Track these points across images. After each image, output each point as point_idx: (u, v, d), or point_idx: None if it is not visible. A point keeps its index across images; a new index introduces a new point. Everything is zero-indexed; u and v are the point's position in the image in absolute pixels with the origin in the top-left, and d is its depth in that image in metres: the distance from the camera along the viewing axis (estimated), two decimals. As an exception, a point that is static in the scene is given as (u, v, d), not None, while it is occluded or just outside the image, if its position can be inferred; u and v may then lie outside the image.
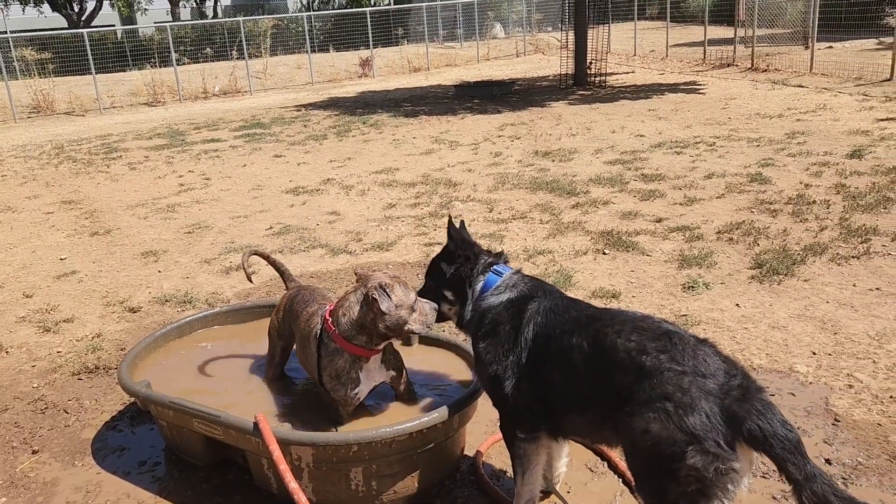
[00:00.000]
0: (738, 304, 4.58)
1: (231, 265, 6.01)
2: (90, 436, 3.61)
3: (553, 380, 2.41)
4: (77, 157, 11.96)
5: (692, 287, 4.86)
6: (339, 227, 6.93)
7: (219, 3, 47.43)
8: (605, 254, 5.64)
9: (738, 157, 8.44)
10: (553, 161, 9.06)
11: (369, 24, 24.74)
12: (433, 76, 22.50)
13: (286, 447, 2.70)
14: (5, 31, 27.06)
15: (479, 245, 2.84)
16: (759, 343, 4.07)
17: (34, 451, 3.52)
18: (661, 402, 2.05)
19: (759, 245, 5.54)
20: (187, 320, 3.92)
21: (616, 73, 18.38)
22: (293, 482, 2.57)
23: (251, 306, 4.11)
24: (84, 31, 22.38)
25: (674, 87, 15.14)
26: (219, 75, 21.99)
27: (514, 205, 7.20)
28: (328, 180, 8.93)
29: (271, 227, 7.06)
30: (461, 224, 2.87)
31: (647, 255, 5.54)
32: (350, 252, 6.18)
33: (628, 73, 18.79)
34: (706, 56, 19.12)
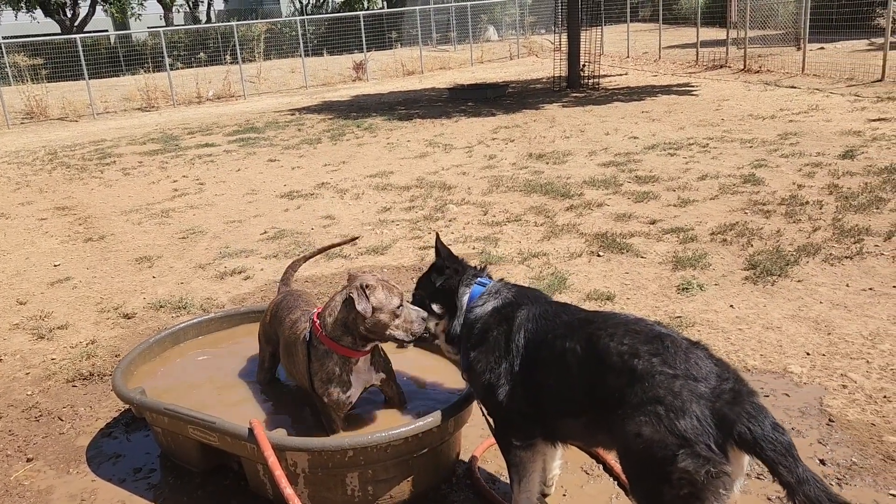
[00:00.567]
0: (732, 306, 4.59)
1: (225, 270, 6.01)
2: (85, 443, 3.59)
3: (547, 385, 2.40)
4: (71, 163, 11.93)
5: (686, 288, 4.88)
6: (333, 231, 6.93)
7: (212, 8, 47.42)
8: (599, 256, 5.65)
9: (731, 158, 8.48)
10: (547, 163, 9.08)
11: (363, 27, 24.77)
12: (427, 79, 22.53)
13: (281, 453, 2.69)
14: (-2, 37, 27.00)
15: (464, 260, 2.89)
16: (754, 344, 4.09)
17: (29, 459, 3.50)
18: (652, 405, 2.05)
19: (752, 246, 5.56)
20: (182, 326, 3.91)
21: (609, 76, 18.43)
22: (289, 488, 2.57)
23: (246, 311, 4.10)
24: (77, 36, 22.33)
25: (667, 89, 15.19)
26: (213, 80, 21.97)
27: (508, 207, 7.21)
28: (322, 184, 8.93)
29: (266, 232, 7.05)
30: (437, 237, 2.92)
31: (642, 257, 5.55)
32: (345, 256, 6.17)
33: (621, 75, 18.84)
34: (699, 58, 19.19)
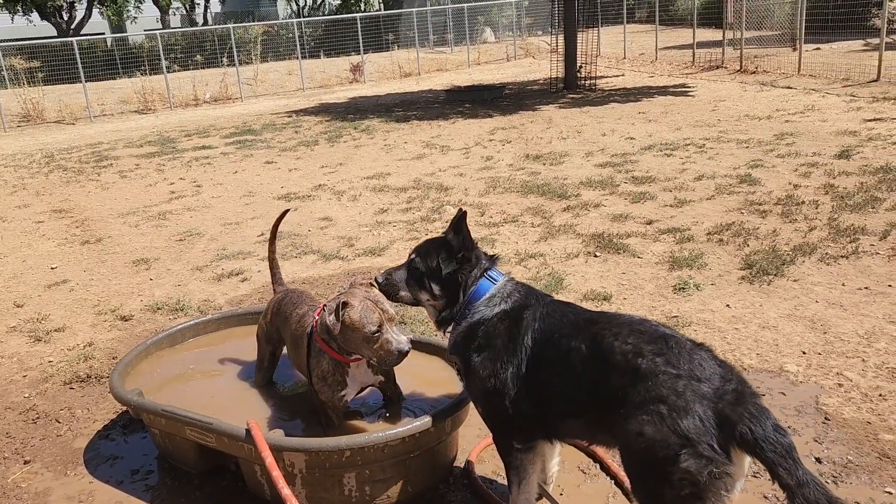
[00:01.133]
0: (728, 305, 4.60)
1: (223, 272, 6.01)
2: (82, 445, 3.60)
3: (551, 383, 2.40)
4: (67, 166, 11.92)
5: (683, 288, 4.89)
6: (330, 233, 6.93)
7: (209, 10, 47.39)
8: (596, 256, 5.66)
9: (727, 158, 8.50)
10: (544, 164, 9.09)
11: (360, 29, 24.79)
12: (424, 81, 22.55)
13: (279, 453, 2.70)
14: (-6, 40, 26.96)
15: (479, 248, 2.71)
16: (750, 343, 4.10)
17: (26, 462, 3.50)
18: (655, 404, 2.05)
19: (748, 246, 5.58)
20: (179, 328, 3.92)
21: (606, 77, 18.46)
22: (286, 488, 2.57)
23: (243, 313, 4.10)
24: (73, 39, 22.32)
25: (663, 90, 15.21)
26: (209, 82, 21.97)
27: (505, 208, 7.22)
28: (320, 186, 8.93)
29: (263, 234, 7.05)
30: (463, 215, 2.69)
31: (638, 257, 5.56)
32: (342, 258, 6.18)
33: (618, 76, 18.87)
34: (695, 58, 19.23)
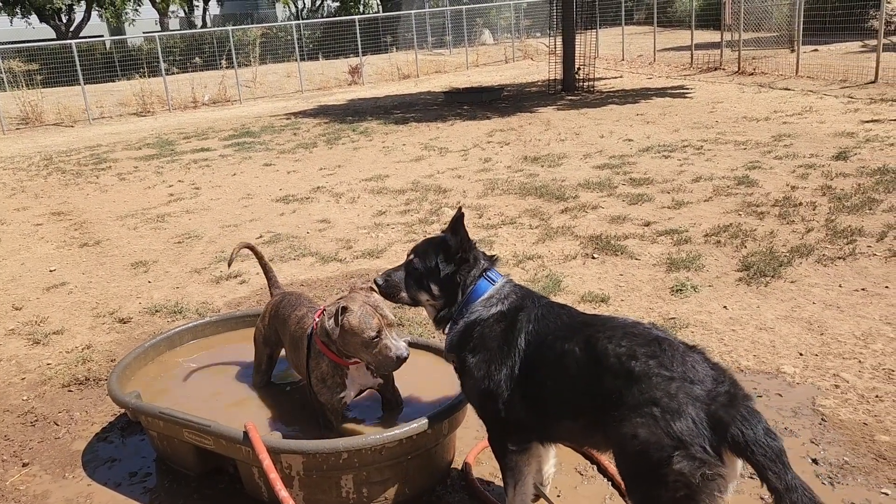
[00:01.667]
0: (725, 307, 4.61)
1: (221, 274, 6.01)
2: (81, 448, 3.60)
3: (546, 386, 2.41)
4: (66, 169, 11.92)
5: (680, 290, 4.90)
6: (329, 235, 6.94)
7: (208, 13, 47.42)
8: (593, 258, 5.67)
9: (725, 160, 8.51)
10: (542, 166, 9.10)
11: (358, 31, 24.81)
12: (422, 83, 22.57)
13: (276, 455, 2.70)
14: (-7, 43, 26.95)
15: (477, 248, 2.71)
16: (747, 345, 4.11)
17: (24, 464, 3.51)
18: (648, 406, 2.06)
19: (746, 247, 5.59)
20: (177, 330, 3.93)
21: (604, 78, 18.48)
22: (284, 490, 2.58)
23: (241, 315, 4.11)
24: (72, 41, 22.34)
25: (661, 92, 15.24)
26: (208, 84, 21.98)
27: (503, 210, 7.23)
28: (318, 188, 8.94)
29: (261, 236, 7.06)
30: (461, 216, 2.68)
31: (636, 259, 5.57)
32: (340, 260, 6.19)
33: (616, 77, 18.90)
34: (693, 60, 19.26)
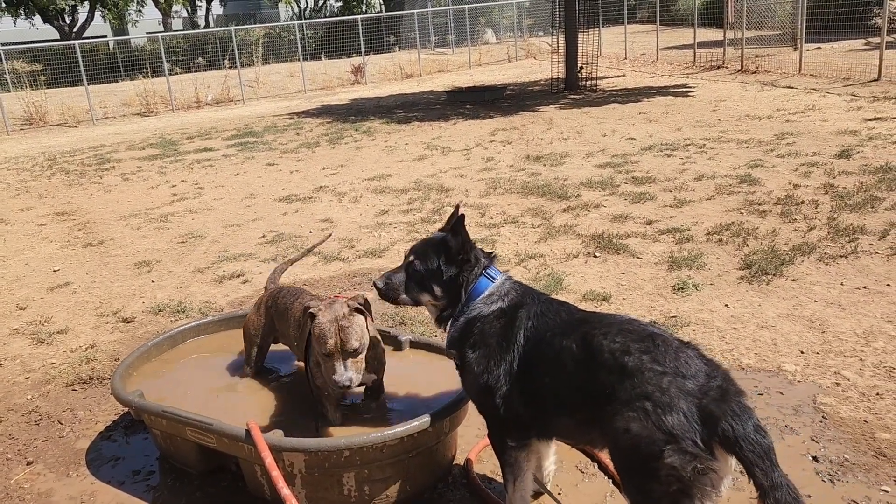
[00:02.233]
0: (727, 305, 4.62)
1: (224, 274, 6.03)
2: (84, 446, 3.62)
3: (543, 382, 2.42)
4: (70, 169, 11.96)
5: (682, 288, 4.90)
6: (332, 235, 6.95)
7: (210, 13, 47.50)
8: (595, 257, 5.68)
9: (727, 158, 8.51)
10: (544, 165, 9.11)
11: (361, 31, 24.83)
12: (425, 82, 22.58)
13: (278, 454, 2.72)
14: (-3, 44, 27.04)
15: (476, 248, 2.72)
16: (748, 343, 4.11)
17: (29, 463, 3.53)
18: (640, 401, 2.08)
19: (748, 246, 5.59)
20: (180, 329, 3.95)
21: (607, 77, 18.47)
22: (286, 488, 2.59)
23: (244, 314, 4.12)
24: (76, 42, 22.40)
25: (664, 90, 15.22)
26: (211, 84, 22.02)
27: (505, 209, 7.24)
28: (321, 188, 8.96)
29: (264, 236, 7.08)
30: (462, 217, 2.73)
31: (638, 258, 5.58)
32: (343, 259, 6.20)
33: (619, 76, 18.89)
34: (696, 59, 19.24)
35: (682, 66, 19.41)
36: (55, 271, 6.57)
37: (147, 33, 34.84)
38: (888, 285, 4.67)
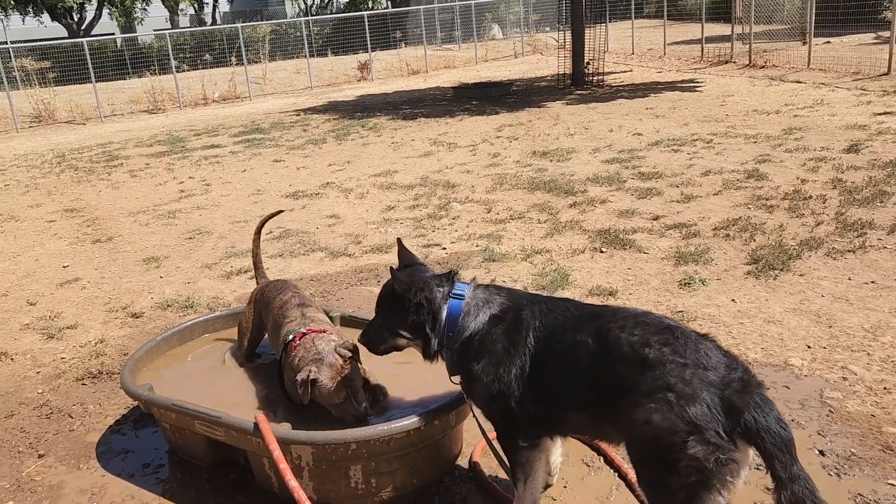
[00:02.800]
0: (733, 300, 4.61)
1: (231, 269, 6.07)
2: (95, 439, 3.66)
3: (557, 379, 2.42)
4: (78, 166, 12.03)
5: (688, 283, 4.90)
6: (338, 230, 6.98)
7: (217, 10, 47.59)
8: (602, 252, 5.68)
9: (735, 153, 8.48)
10: (551, 161, 9.10)
11: (367, 27, 24.81)
12: (431, 78, 22.57)
13: (286, 446, 2.74)
14: (6, 41, 27.22)
15: (425, 272, 2.72)
16: (755, 337, 4.11)
17: (40, 456, 3.57)
18: (662, 392, 2.08)
19: (755, 241, 5.58)
20: (188, 324, 3.98)
21: (614, 73, 18.41)
22: (293, 481, 2.62)
23: (251, 309, 4.15)
24: (84, 39, 22.49)
25: (671, 86, 15.16)
26: (218, 81, 22.07)
27: (512, 205, 7.24)
28: (327, 184, 8.98)
29: (271, 232, 7.11)
30: (399, 244, 2.85)
31: (644, 253, 5.58)
32: (350, 255, 6.22)
33: (626, 72, 18.82)
34: (704, 53, 19.14)
35: (690, 61, 19.32)
36: (65, 267, 6.62)
37: (154, 31, 34.96)
38: (896, 280, 4.66)
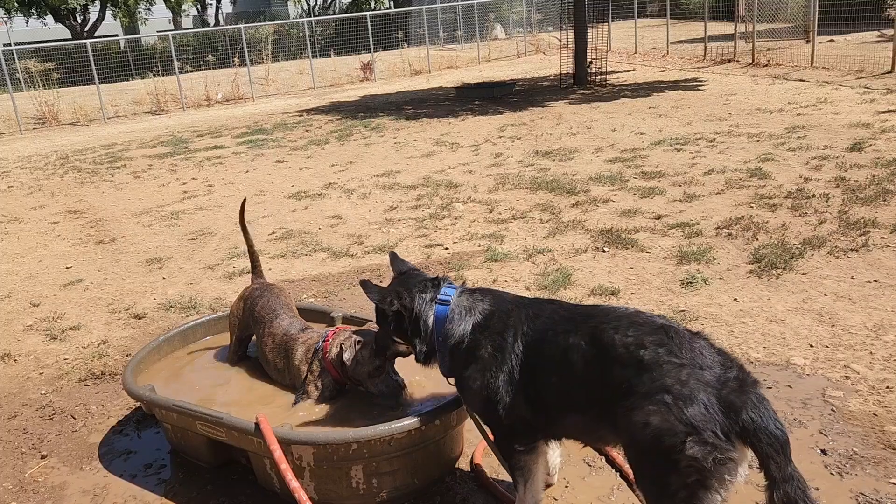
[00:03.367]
0: (736, 299, 4.61)
1: (234, 270, 6.08)
2: (97, 440, 3.67)
3: (550, 383, 2.40)
4: (82, 167, 12.06)
5: (691, 283, 4.89)
6: (341, 231, 6.99)
7: (220, 11, 47.68)
8: (604, 252, 5.68)
9: (738, 152, 8.46)
10: (553, 161, 9.10)
11: (370, 27, 24.82)
12: (434, 78, 22.56)
13: (287, 447, 2.75)
14: (9, 43, 27.29)
15: (412, 279, 2.76)
16: (757, 337, 4.10)
17: (43, 456, 3.58)
18: (660, 394, 2.07)
19: (757, 240, 5.57)
20: (191, 325, 3.99)
21: (617, 72, 18.39)
22: (295, 481, 2.63)
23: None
24: (87, 41, 22.55)
25: (674, 85, 15.14)
26: (221, 82, 22.10)
27: (514, 205, 7.24)
28: (330, 184, 8.99)
29: (274, 232, 7.12)
30: (391, 256, 2.94)
31: (647, 252, 5.57)
32: (352, 255, 6.23)
33: (629, 71, 18.80)
34: (707, 52, 19.10)
35: (693, 60, 19.29)
36: (68, 268, 6.64)
37: (157, 32, 35.01)
38: (899, 279, 4.64)
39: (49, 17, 38.95)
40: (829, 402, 3.41)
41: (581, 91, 15.88)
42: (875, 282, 4.65)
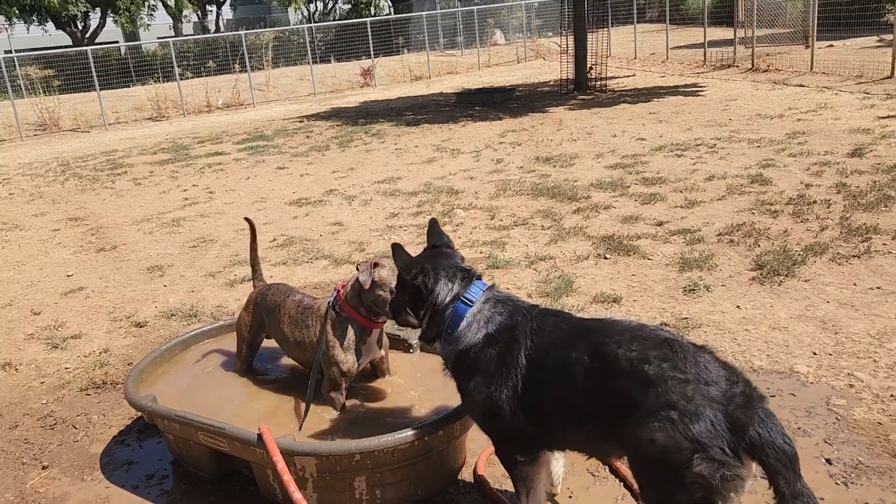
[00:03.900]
0: (738, 306, 4.60)
1: (235, 278, 6.07)
2: (98, 450, 3.66)
3: (552, 397, 2.38)
4: (83, 174, 12.07)
5: (693, 290, 4.89)
6: (342, 238, 6.98)
7: (221, 18, 47.80)
8: (606, 258, 5.67)
9: (738, 158, 8.46)
10: (554, 167, 9.10)
11: (370, 34, 24.88)
12: (434, 84, 22.61)
13: (290, 458, 2.74)
14: (10, 50, 27.37)
15: (445, 258, 2.68)
16: (760, 344, 4.09)
17: (44, 467, 3.57)
18: (665, 410, 2.05)
19: (759, 246, 5.56)
20: (192, 334, 3.98)
21: (617, 77, 18.41)
22: (297, 492, 2.61)
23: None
24: (88, 48, 22.59)
25: (674, 90, 15.16)
26: (222, 89, 22.15)
27: (515, 211, 7.23)
28: (331, 191, 8.99)
29: (275, 239, 7.12)
30: (432, 223, 2.84)
31: (648, 259, 5.56)
32: (353, 262, 6.22)
33: (629, 76, 18.83)
34: (706, 58, 19.13)
35: (693, 65, 19.32)
36: (69, 276, 6.63)
37: (158, 38, 35.10)
38: (902, 285, 4.63)
39: (50, 24, 39.04)
40: (834, 410, 3.40)
41: (581, 97, 15.90)
42: (878, 289, 4.64)
